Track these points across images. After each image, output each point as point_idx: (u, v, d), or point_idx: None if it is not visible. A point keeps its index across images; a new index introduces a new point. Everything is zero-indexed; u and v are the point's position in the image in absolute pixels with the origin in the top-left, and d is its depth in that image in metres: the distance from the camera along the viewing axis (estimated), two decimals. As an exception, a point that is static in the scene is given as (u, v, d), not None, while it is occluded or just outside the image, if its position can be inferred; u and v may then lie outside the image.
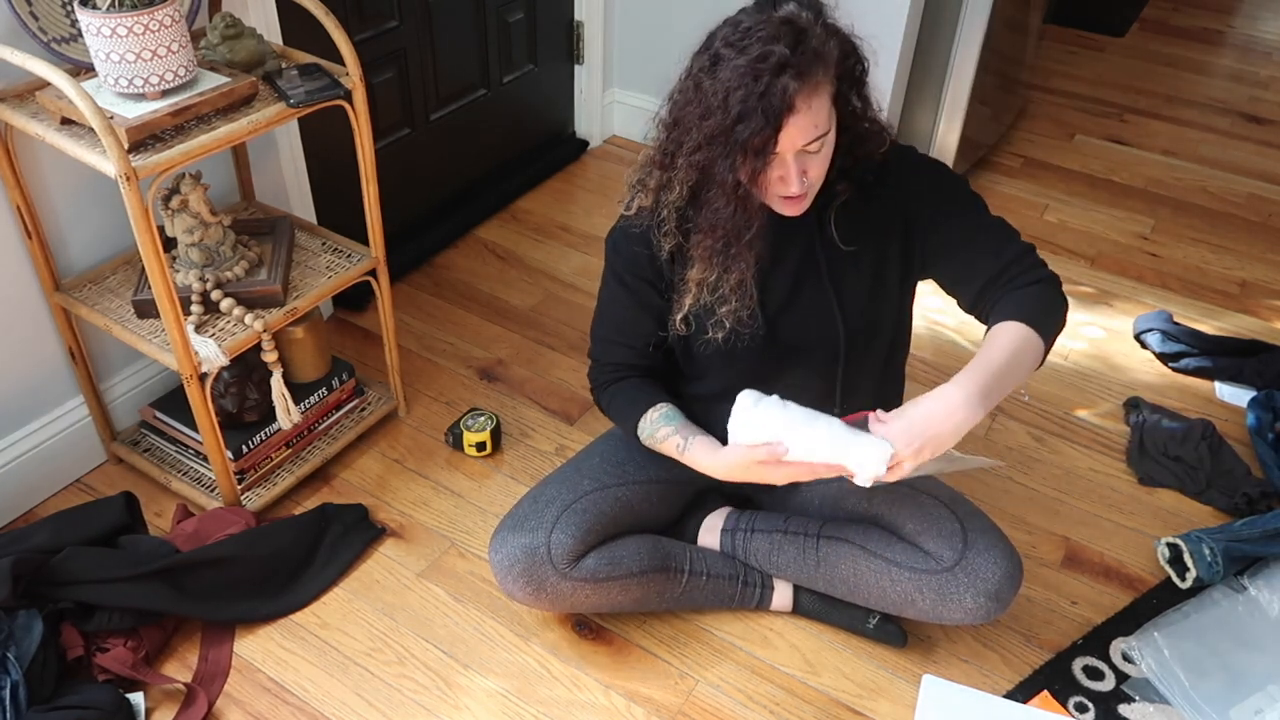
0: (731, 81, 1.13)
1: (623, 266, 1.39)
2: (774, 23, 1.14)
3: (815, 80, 1.14)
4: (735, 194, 1.21)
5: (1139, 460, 1.92)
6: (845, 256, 1.35)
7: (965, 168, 2.76)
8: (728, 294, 1.31)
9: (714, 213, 1.23)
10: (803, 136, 1.16)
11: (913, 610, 1.45)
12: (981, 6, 2.36)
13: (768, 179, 1.20)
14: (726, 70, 1.14)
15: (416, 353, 2.15)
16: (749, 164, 1.16)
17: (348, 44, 1.54)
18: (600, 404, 1.49)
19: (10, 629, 1.38)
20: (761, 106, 1.12)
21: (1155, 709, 1.49)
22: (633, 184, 1.37)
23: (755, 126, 1.13)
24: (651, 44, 2.76)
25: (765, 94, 1.11)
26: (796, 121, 1.14)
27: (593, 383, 1.50)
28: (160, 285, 1.40)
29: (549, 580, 1.42)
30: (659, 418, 1.41)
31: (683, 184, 1.24)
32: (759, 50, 1.12)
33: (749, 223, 1.24)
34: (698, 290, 1.32)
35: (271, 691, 1.49)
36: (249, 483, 1.74)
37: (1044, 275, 1.31)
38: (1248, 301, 2.42)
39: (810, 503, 1.58)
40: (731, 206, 1.22)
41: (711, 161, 1.18)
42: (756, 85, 1.12)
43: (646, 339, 1.43)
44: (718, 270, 1.29)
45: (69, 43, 1.46)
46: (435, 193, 2.53)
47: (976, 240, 1.33)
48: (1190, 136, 3.19)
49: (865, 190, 1.32)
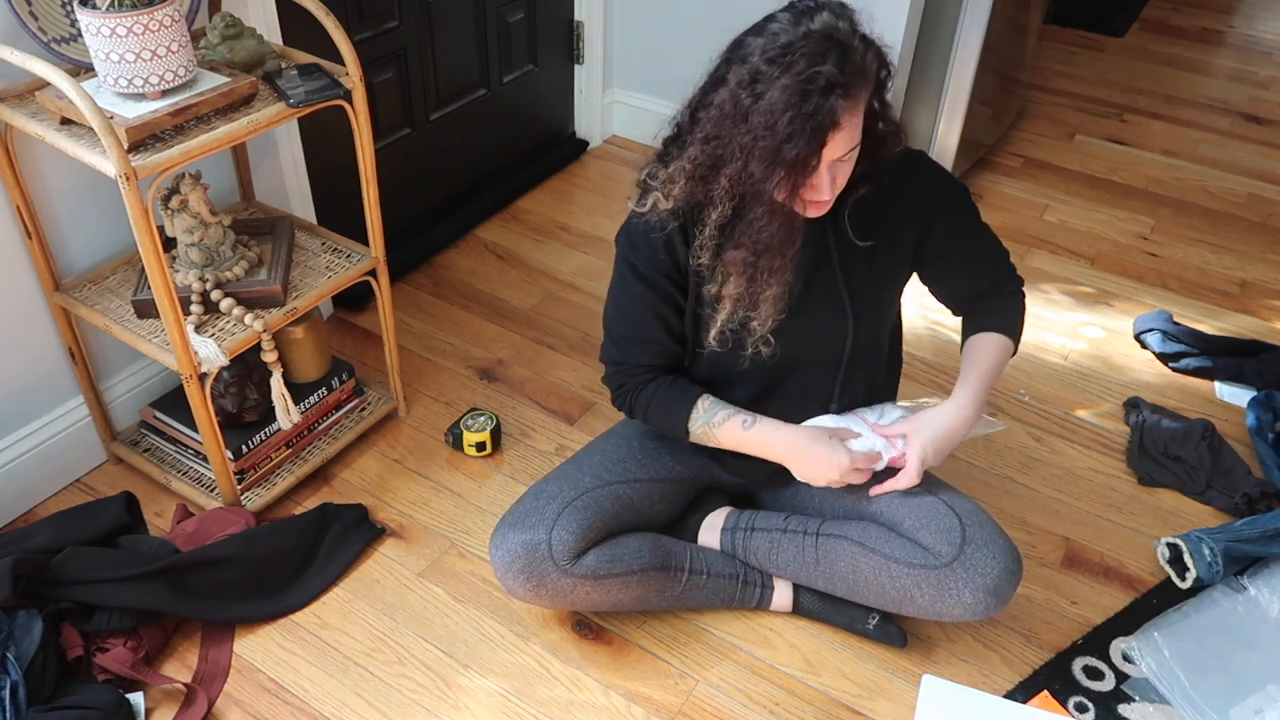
0: (778, 102, 1.13)
1: (643, 262, 1.37)
2: (815, 38, 1.13)
3: (860, 97, 1.15)
4: (780, 209, 1.22)
5: (1139, 460, 1.92)
6: (858, 251, 1.37)
7: (965, 168, 2.76)
8: (762, 307, 1.32)
9: (757, 230, 1.24)
10: (841, 149, 1.18)
11: (912, 607, 1.45)
12: (981, 6, 2.36)
13: (802, 191, 1.21)
14: (774, 90, 1.13)
15: (416, 353, 2.15)
16: (790, 179, 1.17)
17: (348, 44, 1.54)
18: (629, 407, 1.47)
19: (10, 629, 1.38)
20: (810, 126, 1.12)
21: (1155, 709, 1.49)
22: (646, 181, 1.35)
23: (802, 144, 1.13)
24: (651, 44, 2.76)
25: (814, 114, 1.12)
26: (839, 137, 1.16)
27: (616, 386, 1.48)
28: (160, 285, 1.40)
29: (549, 577, 1.42)
30: (710, 405, 1.43)
31: (724, 200, 1.24)
32: (806, 70, 1.12)
33: (792, 237, 1.25)
34: (734, 305, 1.33)
35: (271, 691, 1.49)
36: (249, 483, 1.74)
37: (1019, 288, 1.52)
38: (1248, 301, 2.42)
39: (810, 501, 1.58)
40: (776, 221, 1.23)
41: (753, 177, 1.18)
42: (805, 105, 1.12)
43: (673, 334, 1.43)
44: (756, 285, 1.30)
45: (69, 43, 1.46)
46: (435, 193, 2.53)
47: (975, 253, 1.47)
48: (1190, 136, 3.19)
49: (881, 188, 1.33)
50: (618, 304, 1.44)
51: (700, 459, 1.60)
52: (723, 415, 1.43)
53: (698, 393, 1.44)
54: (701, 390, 1.45)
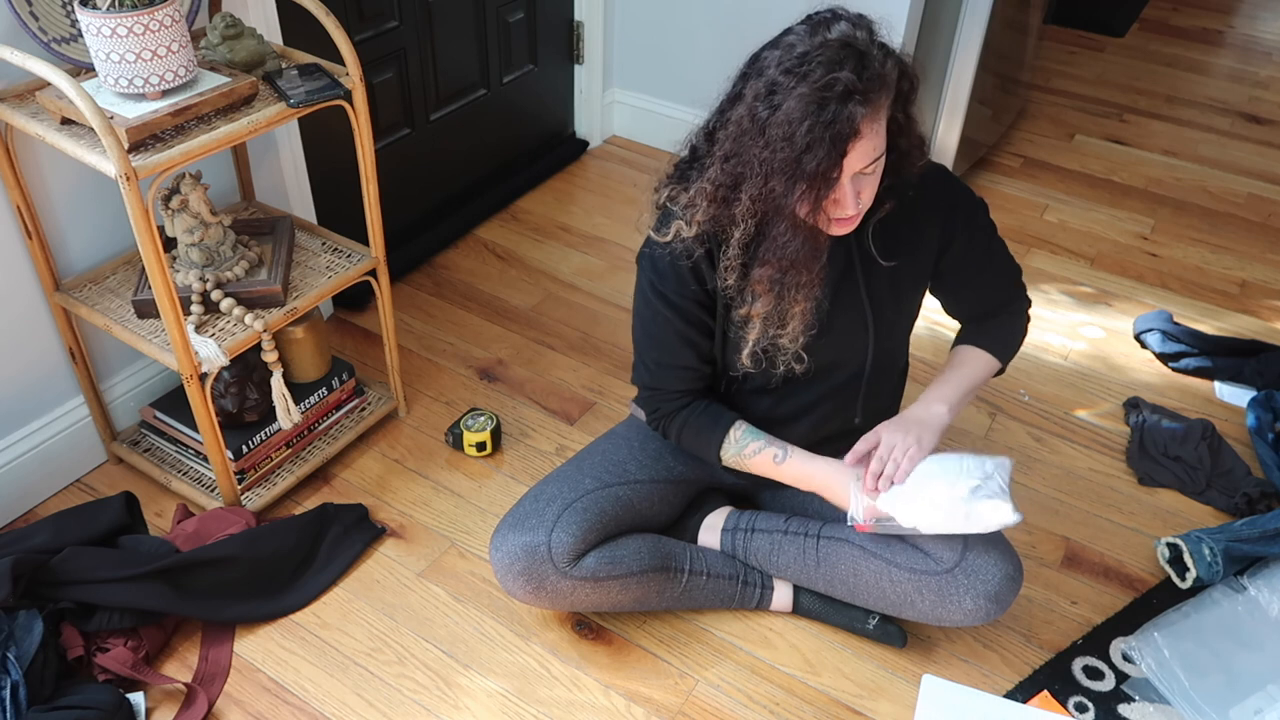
0: (795, 112, 1.10)
1: (671, 289, 1.35)
2: (833, 46, 1.11)
3: (880, 104, 1.13)
4: (803, 224, 1.20)
5: (1139, 460, 1.92)
6: (882, 271, 1.36)
7: (965, 168, 2.76)
8: (790, 324, 1.30)
9: (781, 246, 1.22)
10: (863, 160, 1.15)
11: (912, 611, 1.45)
12: (981, 6, 2.36)
13: (825, 205, 1.19)
14: (790, 100, 1.11)
15: (416, 353, 2.15)
16: (813, 192, 1.14)
17: (348, 44, 1.54)
18: (664, 431, 1.48)
19: (10, 629, 1.38)
20: (829, 135, 1.10)
21: (1155, 709, 1.49)
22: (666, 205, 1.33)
23: (821, 155, 1.11)
24: (651, 44, 2.76)
25: (833, 122, 1.09)
26: (860, 147, 1.13)
27: (651, 411, 1.47)
28: (160, 285, 1.40)
29: (549, 579, 1.42)
30: (744, 434, 1.43)
31: (747, 219, 1.21)
32: (823, 77, 1.09)
33: (818, 252, 1.23)
34: (764, 325, 1.31)
35: (271, 691, 1.49)
36: (249, 483, 1.74)
37: (1025, 308, 1.52)
38: (1248, 301, 2.42)
39: (811, 503, 1.58)
40: (800, 237, 1.21)
41: (774, 193, 1.16)
42: (823, 114, 1.09)
43: (703, 357, 1.42)
44: (784, 302, 1.28)
45: (69, 43, 1.46)
46: (435, 193, 2.53)
47: (988, 270, 1.47)
48: (1190, 136, 3.19)
49: (905, 204, 1.32)
50: (647, 330, 1.41)
51: (701, 459, 1.60)
52: (755, 447, 1.42)
53: (730, 420, 1.43)
54: (735, 417, 1.44)
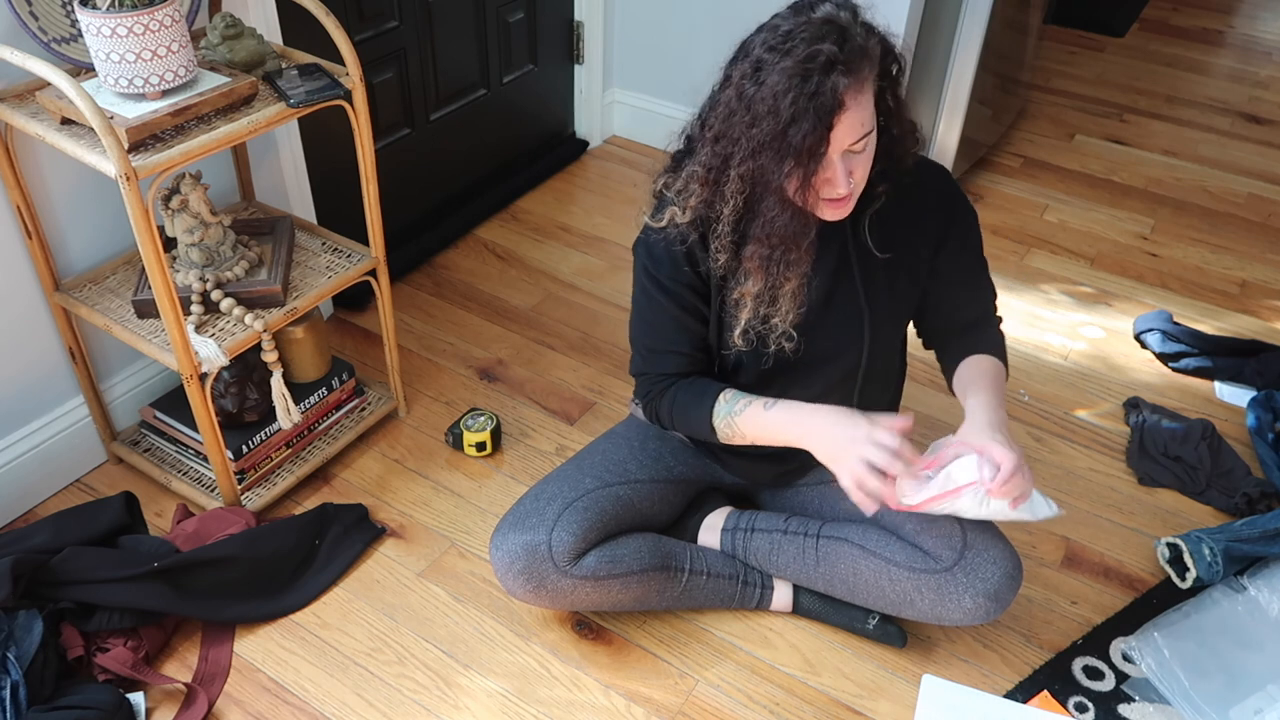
0: (779, 85, 1.12)
1: (665, 274, 1.35)
2: (815, 24, 1.13)
3: (863, 76, 1.14)
4: (790, 199, 1.21)
5: (1139, 460, 1.92)
6: (878, 263, 1.36)
7: (965, 168, 2.76)
8: (781, 302, 1.31)
9: (769, 222, 1.22)
10: (850, 135, 1.16)
11: (911, 610, 1.45)
12: (981, 6, 2.36)
13: (816, 182, 1.19)
14: (774, 74, 1.12)
15: (416, 353, 2.15)
16: (801, 167, 1.15)
17: (348, 44, 1.54)
18: (655, 413, 1.46)
19: (10, 629, 1.38)
20: (813, 106, 1.11)
21: (1155, 709, 1.49)
22: (660, 192, 1.34)
23: (807, 128, 1.12)
24: (651, 44, 2.76)
25: (816, 93, 1.11)
26: (846, 119, 1.14)
27: (643, 397, 1.47)
28: (160, 285, 1.40)
29: (549, 578, 1.42)
30: (731, 396, 1.39)
31: (735, 196, 1.22)
32: (805, 50, 1.11)
33: (806, 228, 1.24)
34: (755, 304, 1.32)
35: (271, 691, 1.49)
36: (249, 483, 1.74)
37: (998, 325, 1.51)
38: (1248, 301, 2.42)
39: (810, 502, 1.58)
40: (788, 213, 1.21)
41: (763, 170, 1.17)
42: (806, 85, 1.11)
43: (696, 343, 1.41)
44: (774, 279, 1.28)
45: (69, 43, 1.46)
46: (435, 193, 2.53)
47: (972, 281, 1.47)
48: (1190, 136, 3.19)
49: (902, 195, 1.32)
50: (642, 315, 1.42)
51: (701, 459, 1.60)
52: (743, 403, 1.39)
53: (718, 388, 1.41)
54: (722, 385, 1.42)
